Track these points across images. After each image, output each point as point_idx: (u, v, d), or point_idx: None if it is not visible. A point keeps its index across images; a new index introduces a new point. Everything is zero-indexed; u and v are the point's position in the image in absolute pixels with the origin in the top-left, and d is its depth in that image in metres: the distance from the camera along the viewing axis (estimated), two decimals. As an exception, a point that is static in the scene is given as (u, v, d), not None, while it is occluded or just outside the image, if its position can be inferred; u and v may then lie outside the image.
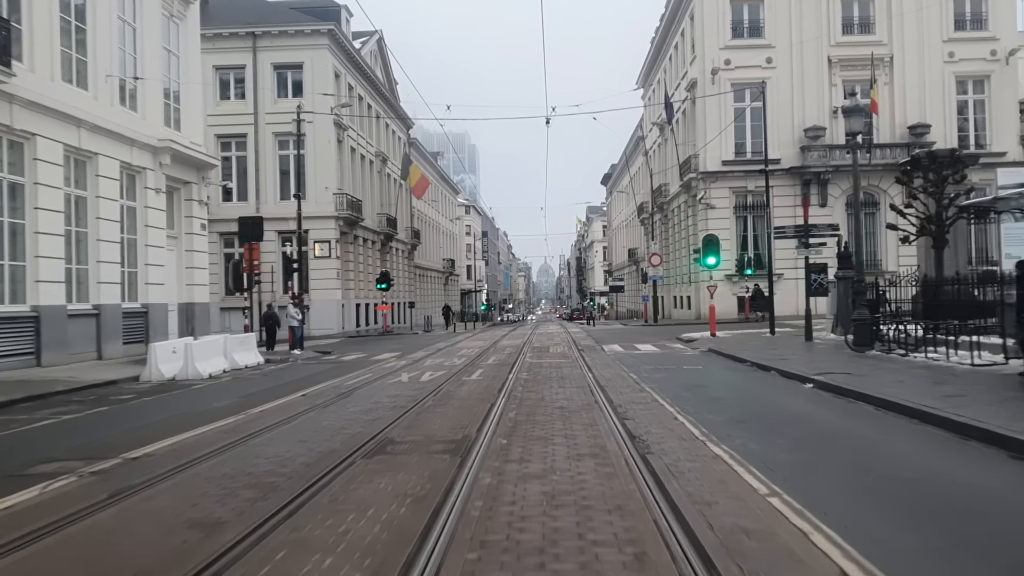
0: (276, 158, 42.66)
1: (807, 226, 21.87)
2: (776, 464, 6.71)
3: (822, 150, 39.91)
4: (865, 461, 6.94)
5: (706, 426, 8.76)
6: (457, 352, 22.92)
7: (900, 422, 8.93)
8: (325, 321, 41.53)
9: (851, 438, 8.20)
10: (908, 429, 8.52)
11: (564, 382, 13.77)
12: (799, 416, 9.77)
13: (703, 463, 6.82)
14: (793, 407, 10.53)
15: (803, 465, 6.88)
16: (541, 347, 24.16)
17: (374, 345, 29.91)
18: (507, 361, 18.73)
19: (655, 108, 56.27)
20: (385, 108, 55.75)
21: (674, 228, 50.23)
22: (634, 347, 22.69)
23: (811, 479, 6.29)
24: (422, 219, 69.80)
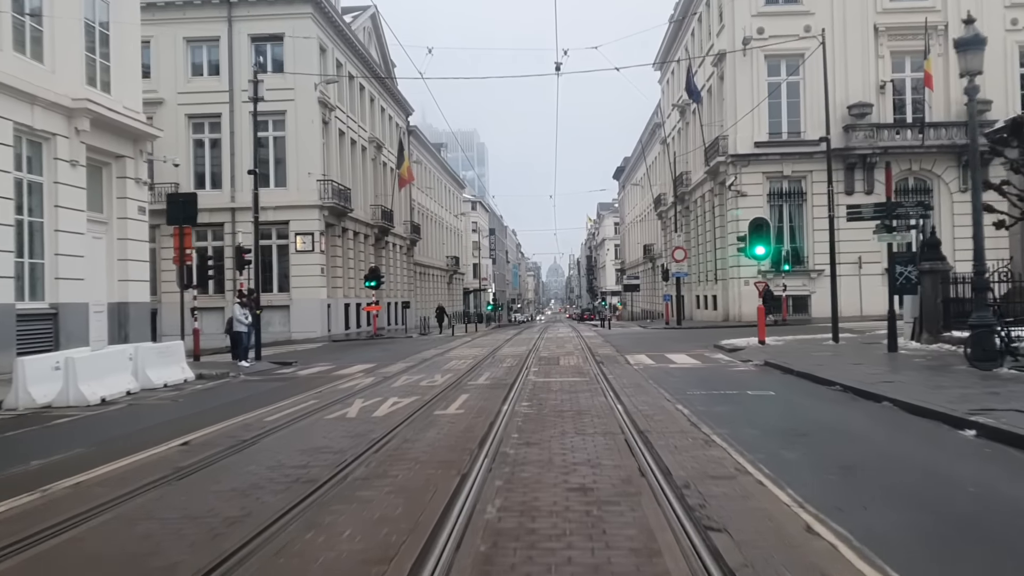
0: (253, 141, 38.06)
1: (892, 204, 17.13)
2: None
3: (868, 130, 35.13)
4: None
5: (887, 556, 4.15)
6: (444, 364, 18.34)
7: None
8: (307, 323, 37.04)
9: None
10: None
11: (583, 422, 9.16)
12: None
13: None
14: (1004, 491, 5.86)
15: None
16: (550, 357, 19.56)
17: (352, 353, 25.39)
18: (503, 381, 14.13)
19: (675, 90, 51.56)
20: (380, 91, 51.23)
21: (697, 220, 45.50)
22: (666, 358, 18.07)
23: None
24: (423, 213, 65.26)
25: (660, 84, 58.86)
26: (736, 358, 17.55)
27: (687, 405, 10.24)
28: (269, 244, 38.13)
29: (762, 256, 20.43)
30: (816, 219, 35.75)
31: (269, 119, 38.18)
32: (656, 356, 18.71)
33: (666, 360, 17.57)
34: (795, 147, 35.90)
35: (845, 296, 35.51)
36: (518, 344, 26.63)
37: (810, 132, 35.85)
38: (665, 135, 50.71)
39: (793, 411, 10.03)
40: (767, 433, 8.26)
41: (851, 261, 35.33)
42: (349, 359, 21.94)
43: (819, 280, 35.74)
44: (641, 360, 17.79)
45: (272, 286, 38.15)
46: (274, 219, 37.61)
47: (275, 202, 37.43)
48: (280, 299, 37.70)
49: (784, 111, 36.42)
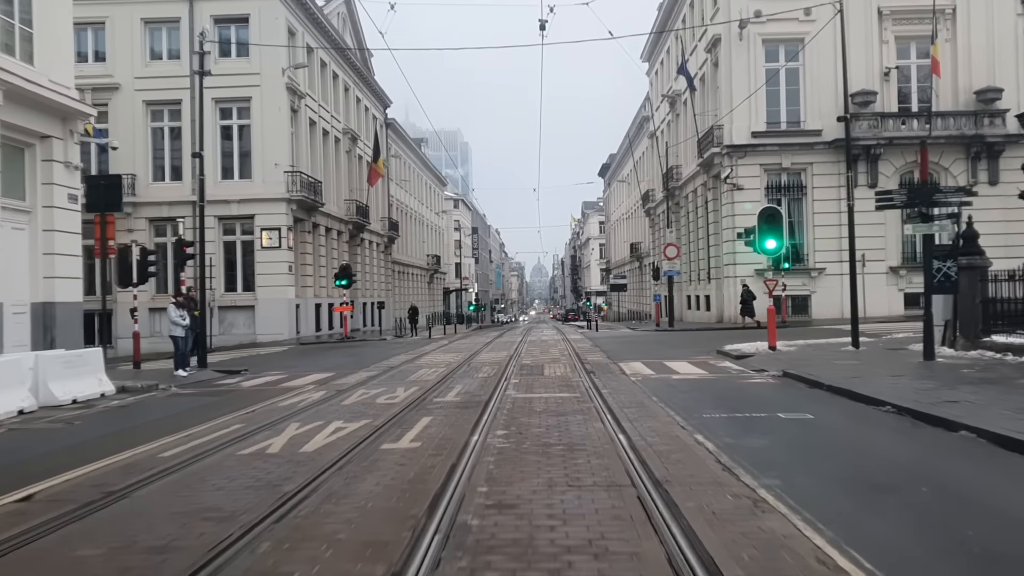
0: (217, 129, 35.61)
1: (929, 188, 14.86)
2: None
3: (872, 119, 33.03)
4: None
5: None
6: (411, 374, 15.94)
7: None
8: (274, 324, 34.53)
9: None
10: None
11: (576, 465, 6.81)
12: None
13: None
14: None
15: None
16: (533, 365, 17.20)
17: (314, 359, 22.96)
18: (477, 397, 11.76)
19: (664, 81, 49.38)
20: (356, 80, 48.72)
21: (688, 216, 43.30)
22: (666, 367, 15.76)
23: None
24: (402, 210, 62.79)
25: (648, 76, 56.68)
26: (747, 367, 15.28)
27: (709, 435, 7.92)
28: (233, 240, 35.66)
29: (773, 251, 18.18)
30: (817, 214, 33.67)
31: (233, 106, 35.76)
32: (654, 364, 16.40)
33: (667, 369, 15.26)
34: (794, 137, 33.76)
35: (837, 295, 33.41)
36: (498, 349, 24.27)
37: (810, 121, 33.78)
38: (654, 127, 48.51)
39: (849, 445, 7.74)
40: (833, 486, 5.95)
41: (844, 259, 33.01)
42: (308, 366, 19.52)
43: (820, 279, 33.65)
44: (637, 369, 15.48)
45: (236, 285, 35.67)
46: (238, 213, 35.14)
47: (239, 195, 34.96)
48: (245, 299, 35.21)
49: (783, 99, 34.28)
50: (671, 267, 34.29)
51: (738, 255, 33.58)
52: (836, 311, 33.37)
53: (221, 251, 35.41)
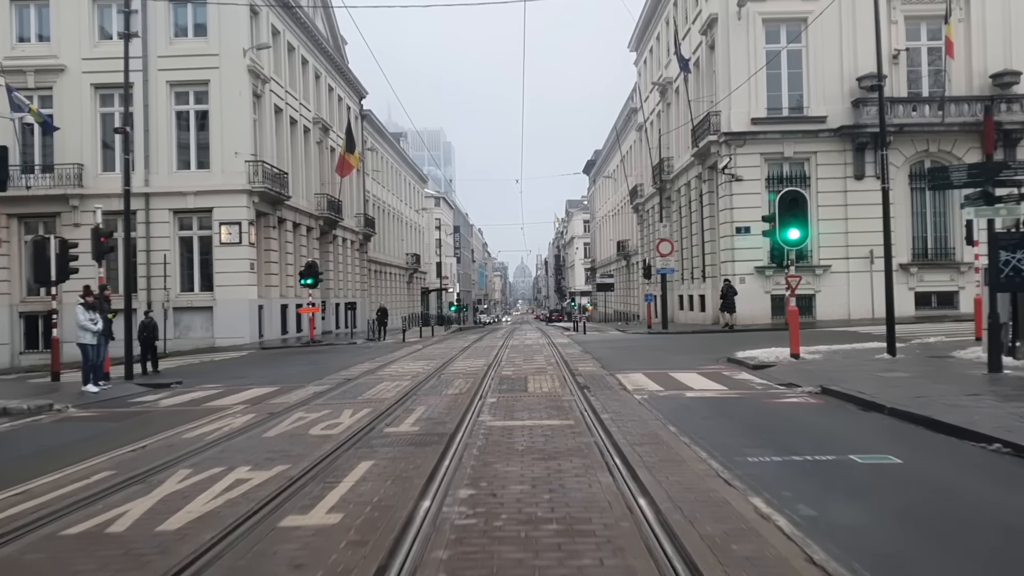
0: (172, 115, 32.75)
1: (996, 164, 12.28)
2: None
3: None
4: None
5: None
6: (367, 390, 13.25)
7: None
8: (233, 327, 31.69)
9: None
10: None
11: (579, 563, 4.19)
12: None
13: None
14: None
15: None
16: (515, 378, 14.53)
17: (266, 368, 20.27)
18: (440, 426, 9.09)
19: (653, 70, 46.89)
20: (328, 68, 45.90)
21: (680, 211, 40.80)
22: (674, 380, 13.16)
23: None
24: (379, 207, 59.99)
25: (636, 66, 54.18)
26: (771, 379, 12.71)
27: (771, 498, 5.33)
28: (190, 236, 32.79)
29: (797, 241, 15.61)
30: (822, 207, 31.19)
31: (190, 90, 32.91)
32: (658, 376, 13.80)
33: (676, 384, 12.65)
34: (797, 124, 31.32)
35: (855, 296, 31.15)
36: (476, 355, 21.61)
37: (814, 107, 31.37)
38: (644, 117, 45.99)
39: (991, 517, 5.14)
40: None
41: (861, 256, 30.90)
42: (254, 377, 16.81)
43: (825, 277, 31.24)
44: (640, 383, 12.87)
45: (193, 285, 32.80)
46: (195, 206, 32.30)
47: (196, 186, 32.13)
48: (203, 300, 32.36)
49: (784, 83, 31.81)
50: (665, 264, 31.74)
51: (737, 251, 31.12)
52: (842, 312, 31.01)
53: (176, 248, 32.57)
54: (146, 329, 20.27)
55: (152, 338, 20.25)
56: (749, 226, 31.08)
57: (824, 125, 31.06)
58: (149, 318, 21.12)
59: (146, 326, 20.40)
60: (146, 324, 20.48)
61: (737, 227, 31.12)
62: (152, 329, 20.39)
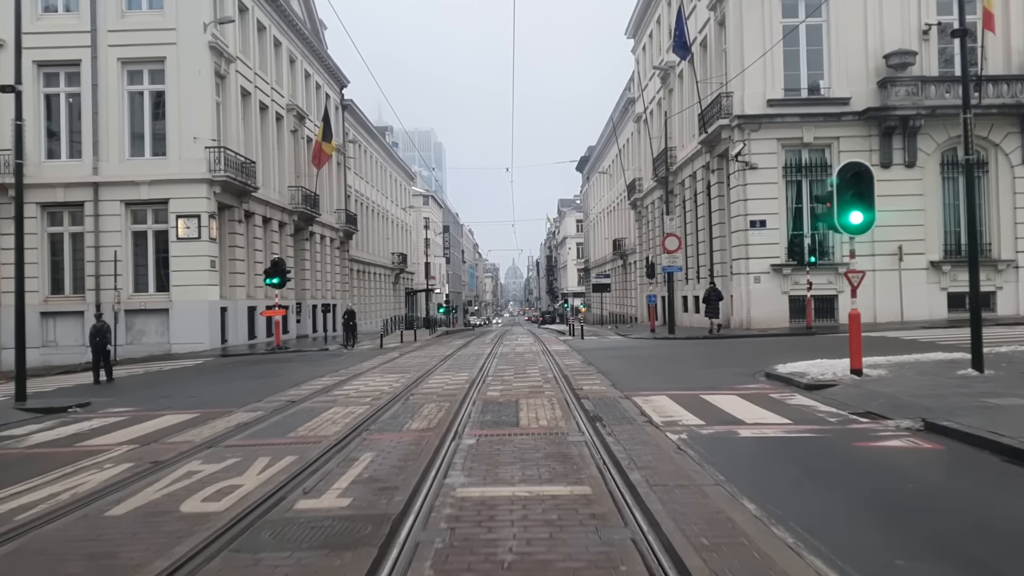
0: (124, 96, 29.50)
1: None
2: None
3: (910, 85, 27.56)
4: None
5: None
6: (307, 421, 10.05)
7: None
8: (192, 331, 28.45)
9: None
10: None
11: None
12: None
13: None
14: None
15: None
16: (503, 402, 11.32)
17: (206, 383, 17.08)
18: (387, 494, 5.94)
19: (653, 55, 43.82)
20: (304, 53, 42.65)
21: (685, 205, 37.68)
22: (711, 406, 10.04)
23: None
24: (363, 203, 56.77)
25: (634, 54, 51.11)
26: (840, 406, 9.60)
27: None
28: (144, 230, 29.52)
29: (860, 226, 12.40)
30: (844, 199, 28.09)
31: (144, 68, 29.67)
32: (687, 399, 10.66)
33: (716, 412, 9.52)
34: (818, 106, 28.27)
35: (882, 297, 28.04)
36: (459, 366, 18.40)
37: (836, 88, 28.31)
38: (645, 105, 42.86)
39: None
40: None
41: (888, 252, 27.87)
42: (181, 397, 13.64)
43: (840, 278, 28.05)
44: (668, 410, 9.73)
45: (147, 285, 29.55)
46: (150, 197, 29.06)
47: (150, 175, 28.89)
48: (158, 301, 29.14)
49: (803, 62, 28.74)
50: (671, 262, 28.58)
51: (751, 247, 28.03)
52: (867, 314, 27.64)
53: (129, 243, 29.32)
54: (98, 334, 18.47)
55: (104, 343, 18.43)
56: (765, 219, 28.10)
57: (847, 108, 28.02)
58: (101, 321, 19.20)
59: (98, 330, 18.56)
60: (98, 328, 18.64)
61: (751, 220, 28.04)
62: (104, 333, 18.55)
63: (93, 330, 18.72)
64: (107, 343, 18.54)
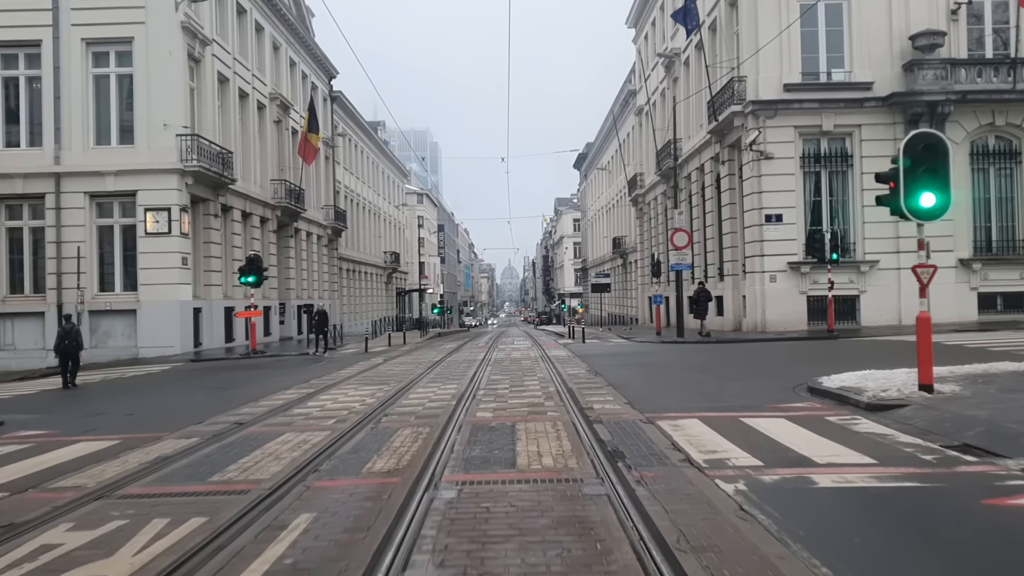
0: (88, 80, 27.29)
1: None
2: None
3: (939, 68, 25.48)
4: None
5: None
6: (250, 452, 7.89)
7: None
8: (161, 334, 26.25)
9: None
10: None
11: None
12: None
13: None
14: None
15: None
16: (496, 426, 9.11)
17: (163, 393, 15.03)
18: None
19: (656, 45, 41.72)
20: (289, 39, 40.45)
21: (692, 199, 35.54)
22: (757, 433, 7.93)
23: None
24: (352, 199, 54.57)
25: (636, 44, 49.01)
26: (923, 435, 7.51)
27: None
28: (110, 224, 27.34)
29: (932, 209, 10.25)
30: (868, 191, 26.00)
31: (110, 49, 27.48)
32: (726, 423, 8.53)
33: (768, 444, 7.39)
34: (838, 91, 26.20)
35: (907, 298, 25.83)
36: (447, 375, 16.25)
37: (858, 72, 26.23)
38: (648, 96, 40.72)
39: None
40: None
41: (910, 249, 25.51)
42: (111, 415, 11.50)
43: (871, 275, 26.09)
44: (707, 442, 7.59)
45: (114, 283, 27.35)
46: (116, 189, 26.86)
47: (117, 165, 26.68)
48: (125, 301, 26.93)
49: (822, 43, 26.64)
50: (680, 259, 26.42)
51: (766, 244, 25.94)
52: (891, 316, 25.84)
53: (94, 239, 27.13)
54: (67, 336, 17.65)
55: (74, 347, 17.60)
56: (781, 213, 26.02)
57: (870, 93, 25.95)
58: (71, 323, 18.45)
59: (67, 332, 17.76)
60: (67, 331, 17.84)
61: (766, 215, 25.95)
62: (74, 336, 17.77)
63: (62, 332, 17.79)
64: (79, 347, 17.79)
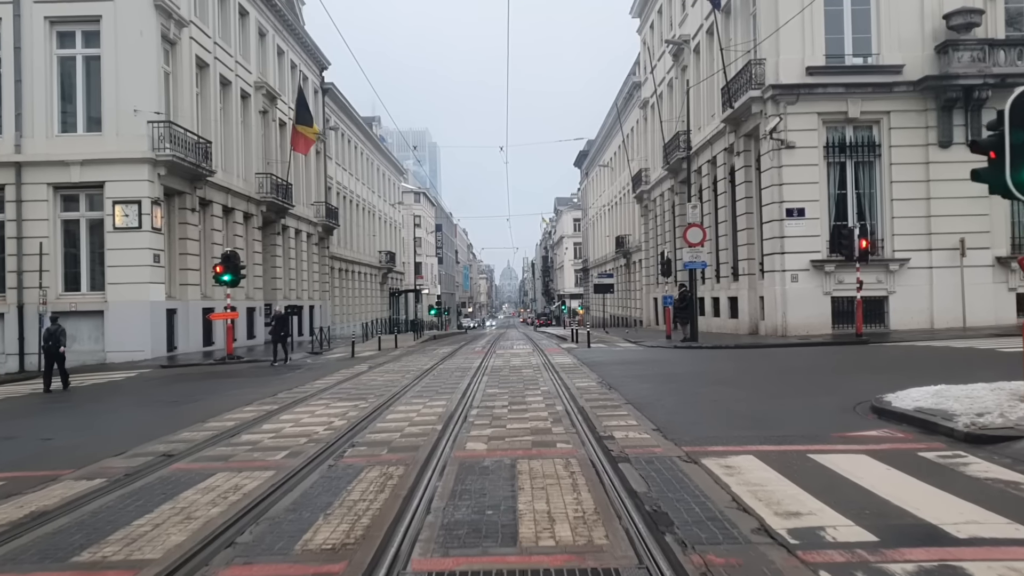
0: (53, 62, 25.21)
1: None
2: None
3: (976, 49, 23.45)
4: None
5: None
6: (165, 500, 5.93)
7: None
8: (131, 337, 24.15)
9: None
10: None
11: None
12: None
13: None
14: None
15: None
16: (491, 467, 7.07)
17: (109, 409, 13.15)
18: None
19: (662, 34, 39.66)
20: (277, 26, 38.37)
21: (702, 194, 33.44)
22: (839, 475, 5.93)
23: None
24: (345, 196, 52.46)
25: (640, 34, 46.94)
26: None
27: None
28: (76, 218, 25.26)
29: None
30: (896, 183, 24.07)
31: (76, 29, 25.42)
32: (794, 464, 6.47)
33: (864, 499, 5.35)
34: (865, 75, 24.17)
35: (940, 298, 23.83)
36: (437, 387, 14.16)
37: (887, 54, 24.19)
38: (655, 87, 38.62)
39: None
40: None
41: (948, 246, 23.76)
42: (22, 440, 9.45)
43: (900, 275, 24.01)
44: (778, 493, 5.54)
45: (79, 282, 25.28)
46: (81, 180, 24.78)
47: (83, 154, 24.60)
48: (91, 301, 24.84)
49: (848, 22, 24.60)
50: (694, 257, 24.31)
51: (787, 240, 23.89)
52: (923, 318, 23.79)
53: (58, 234, 25.05)
54: (51, 337, 17.17)
55: (58, 347, 17.02)
56: (803, 207, 23.98)
57: (900, 77, 23.92)
58: (56, 324, 17.65)
59: (51, 334, 17.23)
60: (51, 332, 17.30)
61: (787, 209, 23.91)
62: (58, 337, 17.18)
63: (46, 333, 17.43)
64: (60, 346, 17.10)
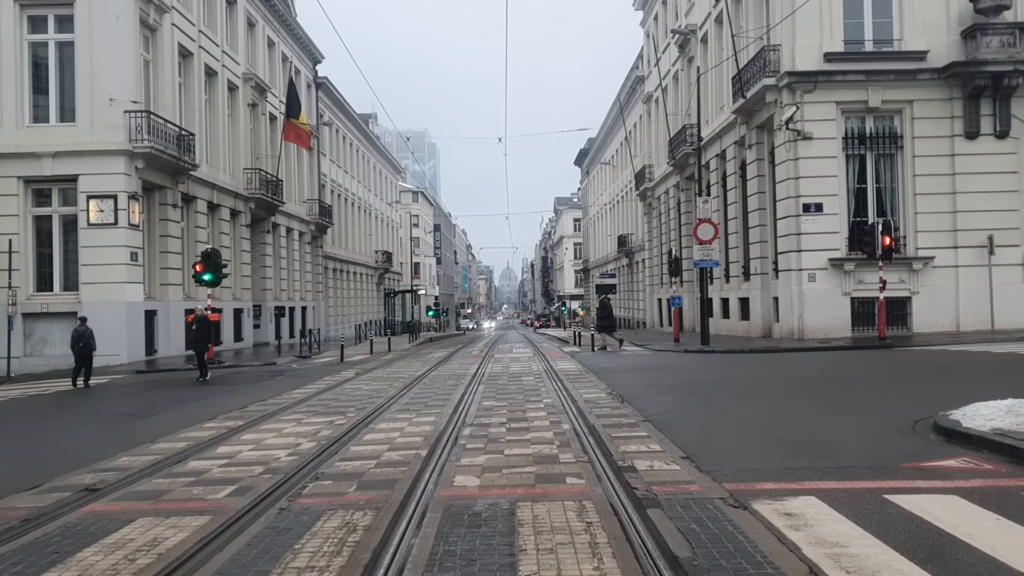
0: (24, 48, 23.76)
1: None
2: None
3: (1006, 34, 22.01)
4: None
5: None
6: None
7: None
8: (105, 339, 22.24)
9: None
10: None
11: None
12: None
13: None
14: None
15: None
16: (485, 511, 5.66)
17: (33, 422, 11.47)
18: None
19: (667, 24, 38.20)
20: (267, 16, 36.91)
21: (710, 189, 31.94)
22: (943, 531, 4.61)
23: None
24: (339, 194, 51.01)
25: (644, 27, 45.51)
26: None
27: None
28: (48, 214, 23.81)
29: None
30: (919, 177, 22.62)
31: (49, 12, 24.00)
32: (873, 512, 5.08)
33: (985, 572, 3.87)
34: (887, 62, 22.73)
35: (967, 299, 22.35)
36: (427, 397, 12.67)
37: (909, 39, 22.75)
38: (660, 80, 37.09)
39: None
40: None
41: (975, 244, 22.33)
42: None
43: (924, 274, 22.55)
44: (874, 564, 4.08)
45: (52, 281, 23.83)
46: (54, 173, 23.34)
47: (55, 145, 23.15)
48: (64, 302, 23.40)
49: (868, 7, 23.15)
50: (705, 255, 22.83)
51: (804, 237, 22.44)
52: (948, 321, 22.32)
53: (29, 230, 23.62)
54: (80, 339, 17.38)
55: (87, 349, 17.34)
56: (821, 202, 22.53)
57: (924, 63, 22.47)
58: (84, 326, 17.85)
59: (80, 335, 17.44)
60: (80, 333, 17.52)
61: (804, 204, 22.46)
62: (87, 338, 17.41)
63: (75, 334, 17.55)
64: (92, 349, 17.52)
